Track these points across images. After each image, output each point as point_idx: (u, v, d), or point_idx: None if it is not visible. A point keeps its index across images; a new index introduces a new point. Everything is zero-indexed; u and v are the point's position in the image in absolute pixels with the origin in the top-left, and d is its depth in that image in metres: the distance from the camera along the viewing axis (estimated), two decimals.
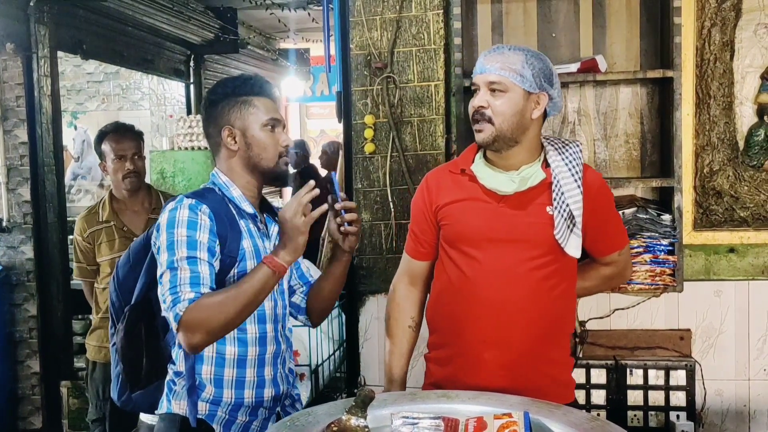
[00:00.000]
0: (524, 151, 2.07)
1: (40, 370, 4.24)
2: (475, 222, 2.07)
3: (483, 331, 2.05)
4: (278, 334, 2.05)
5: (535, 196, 2.05)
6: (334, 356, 3.82)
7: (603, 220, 2.13)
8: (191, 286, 1.82)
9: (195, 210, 1.90)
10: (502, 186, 2.05)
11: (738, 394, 2.97)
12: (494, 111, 2.01)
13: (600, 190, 2.12)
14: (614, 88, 2.95)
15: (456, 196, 2.12)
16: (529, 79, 2.01)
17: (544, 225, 2.03)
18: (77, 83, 7.59)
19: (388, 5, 3.02)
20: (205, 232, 1.89)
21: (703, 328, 2.97)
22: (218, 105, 2.04)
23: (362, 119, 3.06)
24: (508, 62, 2.02)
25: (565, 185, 2.03)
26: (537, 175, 2.05)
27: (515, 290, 2.03)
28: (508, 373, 2.04)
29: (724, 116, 2.92)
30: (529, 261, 2.04)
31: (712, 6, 2.89)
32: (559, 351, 2.15)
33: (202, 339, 1.82)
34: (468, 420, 1.68)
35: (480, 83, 2.05)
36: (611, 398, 2.93)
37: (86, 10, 4.99)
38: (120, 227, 3.35)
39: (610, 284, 2.34)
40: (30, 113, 4.16)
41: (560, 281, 2.07)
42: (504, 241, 2.05)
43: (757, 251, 2.96)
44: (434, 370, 2.19)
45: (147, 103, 7.60)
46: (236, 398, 1.98)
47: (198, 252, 1.86)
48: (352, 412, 1.65)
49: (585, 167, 2.10)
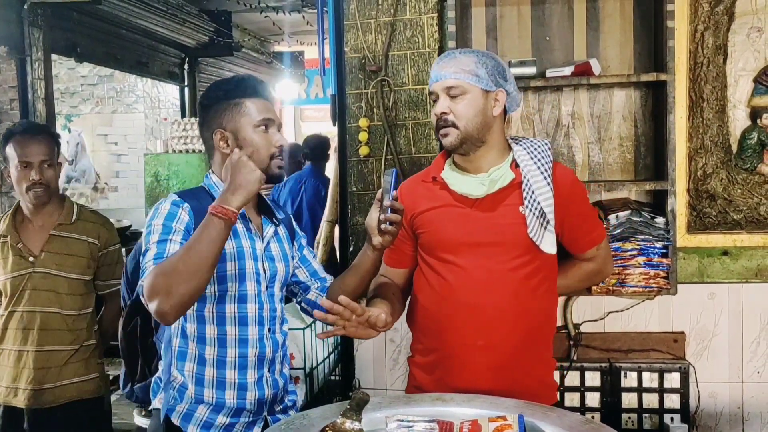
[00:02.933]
0: (491, 152, 2.10)
1: None
2: (450, 228, 2.09)
3: (468, 335, 2.06)
4: (264, 338, 2.04)
5: (506, 197, 2.07)
6: (329, 359, 3.81)
7: (577, 215, 2.15)
8: (154, 260, 1.83)
9: (177, 205, 1.94)
10: (472, 190, 2.07)
11: (732, 397, 2.97)
12: (456, 115, 2.05)
13: (572, 185, 2.13)
14: (608, 92, 2.96)
15: (429, 204, 2.14)
16: (485, 78, 2.05)
17: (518, 225, 2.04)
18: (71, 86, 7.59)
19: (382, 8, 3.03)
20: (181, 225, 1.91)
21: (697, 330, 2.98)
22: (210, 108, 2.04)
23: (357, 122, 3.07)
24: (461, 65, 2.06)
25: (535, 183, 2.05)
26: (506, 176, 2.07)
27: (497, 292, 2.05)
28: (494, 375, 2.05)
29: (718, 119, 2.93)
30: (507, 262, 2.05)
31: (705, 10, 2.90)
32: (544, 351, 2.17)
33: (164, 303, 1.76)
34: (463, 423, 1.68)
35: (438, 90, 2.08)
36: (605, 401, 2.94)
37: (80, 13, 4.99)
38: (15, 244, 2.87)
39: (592, 281, 2.35)
40: (24, 116, 4.16)
41: (542, 280, 2.09)
42: (480, 244, 2.06)
43: (750, 254, 2.97)
44: (419, 374, 2.20)
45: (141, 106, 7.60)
46: (217, 399, 1.99)
47: (171, 235, 1.88)
48: (347, 416, 1.65)
49: (555, 164, 2.12)
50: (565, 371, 2.93)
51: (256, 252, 2.02)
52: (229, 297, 1.98)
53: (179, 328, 2.01)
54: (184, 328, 2.00)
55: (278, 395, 2.10)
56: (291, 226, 2.22)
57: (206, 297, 1.97)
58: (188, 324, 1.99)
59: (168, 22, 6.05)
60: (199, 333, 1.99)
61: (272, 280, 2.06)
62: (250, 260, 2.00)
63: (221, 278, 1.96)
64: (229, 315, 1.99)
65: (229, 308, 1.98)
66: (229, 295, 1.98)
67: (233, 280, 1.97)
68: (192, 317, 1.99)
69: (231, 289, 1.98)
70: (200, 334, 1.99)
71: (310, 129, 11.47)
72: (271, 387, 2.06)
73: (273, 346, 2.06)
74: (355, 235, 3.10)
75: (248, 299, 2.00)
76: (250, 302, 2.00)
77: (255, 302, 2.01)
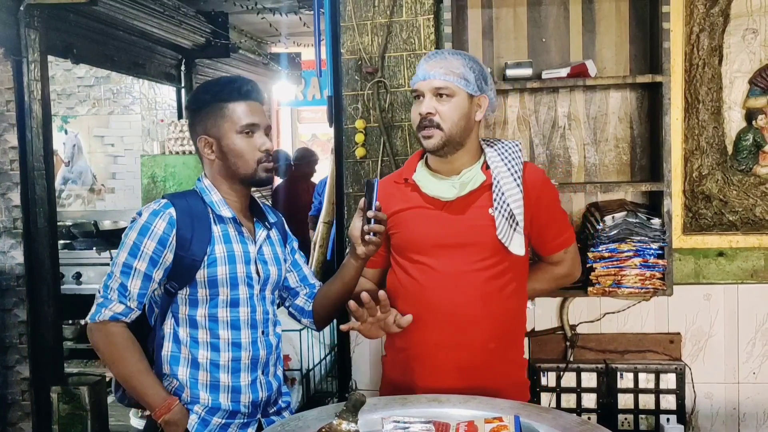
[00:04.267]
0: (466, 154, 2.11)
1: (30, 376, 4.21)
2: (420, 230, 2.11)
3: (437, 335, 2.08)
4: (257, 341, 2.03)
5: (477, 199, 2.08)
6: (325, 360, 3.81)
7: (546, 217, 2.16)
8: (119, 296, 1.93)
9: (156, 215, 1.94)
10: (443, 193, 2.09)
11: (727, 398, 2.98)
12: (442, 117, 2.04)
13: (542, 186, 2.14)
14: (604, 93, 2.96)
15: (401, 205, 2.15)
16: (472, 83, 2.06)
17: (487, 227, 2.05)
18: (68, 87, 7.56)
19: (378, 10, 3.03)
20: (154, 240, 1.92)
21: (693, 331, 2.99)
22: (196, 114, 2.02)
23: (353, 124, 3.07)
24: (451, 67, 2.05)
25: (505, 185, 2.06)
26: (477, 178, 2.08)
27: (465, 293, 2.06)
28: (464, 375, 2.06)
29: (713, 121, 2.94)
30: (476, 263, 2.06)
31: (700, 11, 2.91)
32: (514, 351, 2.19)
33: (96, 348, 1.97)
34: (459, 424, 1.69)
35: (424, 89, 2.07)
36: (602, 402, 2.94)
37: (77, 15, 4.97)
38: None
39: (560, 284, 2.36)
40: (20, 118, 4.14)
41: (510, 281, 2.10)
42: (450, 246, 2.08)
43: (746, 255, 2.97)
44: (390, 372, 2.22)
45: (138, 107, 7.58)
46: (212, 402, 1.99)
47: (137, 261, 1.92)
48: (342, 417, 1.65)
49: (526, 165, 2.13)
50: (562, 372, 2.94)
51: (248, 256, 2.01)
52: (221, 301, 1.98)
53: (171, 333, 2.00)
54: (177, 332, 1.99)
55: (272, 397, 2.10)
56: (284, 229, 2.22)
57: (198, 301, 1.97)
58: (180, 328, 1.99)
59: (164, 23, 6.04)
60: (191, 337, 1.98)
61: (265, 283, 2.06)
62: (241, 264, 1.99)
63: (212, 282, 1.95)
64: (221, 319, 1.98)
65: (221, 312, 1.98)
66: (221, 299, 1.97)
67: (224, 285, 1.97)
68: (184, 321, 1.98)
69: (222, 294, 1.97)
70: (193, 339, 1.98)
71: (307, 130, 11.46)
72: (265, 389, 2.06)
73: (266, 348, 2.06)
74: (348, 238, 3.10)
75: (240, 303, 2.00)
76: (242, 306, 2.00)
77: (247, 306, 2.01)
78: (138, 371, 1.93)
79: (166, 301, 1.99)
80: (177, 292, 1.97)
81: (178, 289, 1.97)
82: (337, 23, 3.08)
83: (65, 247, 6.07)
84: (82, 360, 6.05)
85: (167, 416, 1.90)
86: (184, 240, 1.93)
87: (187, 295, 1.97)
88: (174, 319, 1.99)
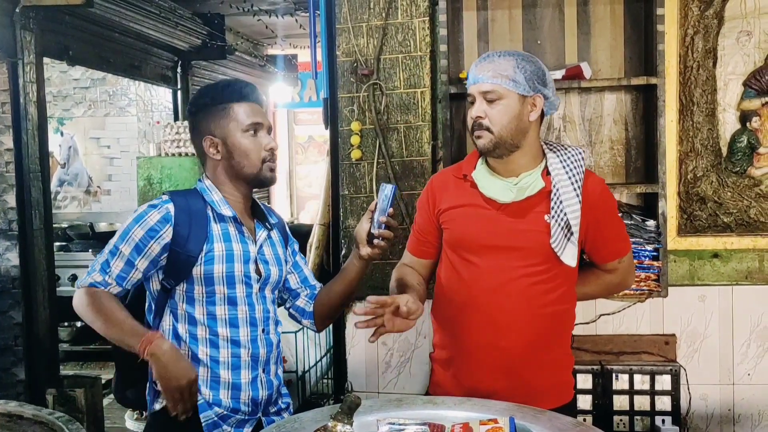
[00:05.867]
0: (525, 156, 2.08)
1: (26, 378, 4.21)
2: (473, 228, 2.10)
3: (478, 336, 2.07)
4: (257, 338, 2.04)
5: (534, 205, 2.06)
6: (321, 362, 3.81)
7: (604, 227, 2.13)
8: (101, 270, 1.97)
9: (153, 207, 1.99)
10: (499, 195, 2.07)
11: (722, 399, 2.99)
12: (491, 120, 2.03)
13: (601, 196, 2.12)
14: (599, 95, 2.97)
15: (457, 201, 2.14)
16: (522, 83, 2.02)
17: (541, 233, 2.04)
18: (63, 89, 7.55)
19: (374, 12, 3.03)
20: (143, 229, 1.96)
21: (688, 333, 3.00)
22: (199, 115, 2.04)
23: (349, 126, 3.07)
24: (499, 69, 2.02)
25: (564, 194, 2.04)
26: (536, 184, 2.06)
27: (510, 296, 2.05)
28: (505, 376, 2.06)
29: (708, 123, 2.95)
30: (525, 268, 2.05)
31: (695, 14, 2.92)
32: (559, 351, 2.16)
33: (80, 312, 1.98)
34: (454, 426, 1.69)
35: (475, 93, 2.06)
36: (597, 403, 2.94)
37: (72, 16, 4.96)
38: None
39: (611, 291, 2.34)
40: (15, 120, 4.13)
41: (557, 286, 2.08)
42: (500, 248, 2.07)
43: (740, 256, 2.98)
44: (437, 370, 2.22)
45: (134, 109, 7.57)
46: (213, 397, 1.99)
47: (123, 244, 1.96)
48: (338, 419, 1.65)
49: (587, 173, 2.10)
50: None
51: (248, 255, 2.02)
52: (219, 299, 1.99)
53: (170, 329, 2.01)
54: (176, 329, 2.01)
55: (272, 396, 2.10)
56: (284, 231, 2.23)
57: (194, 298, 1.98)
58: (179, 325, 2.00)
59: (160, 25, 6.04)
60: (190, 334, 2.00)
61: (265, 282, 2.07)
62: (239, 263, 2.00)
63: (208, 279, 1.97)
64: (219, 316, 1.99)
65: (219, 310, 1.99)
66: (218, 297, 1.99)
67: (221, 283, 1.98)
68: (183, 318, 2.00)
69: (219, 292, 1.98)
70: (192, 335, 2.00)
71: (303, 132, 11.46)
72: (266, 388, 2.07)
73: (267, 346, 2.07)
74: (347, 238, 3.11)
75: (238, 301, 2.01)
76: (240, 305, 2.01)
77: (245, 304, 2.02)
78: (117, 320, 1.92)
79: (162, 297, 2.01)
80: (173, 288, 1.98)
81: (175, 285, 1.98)
82: (333, 25, 3.08)
83: (61, 249, 6.06)
84: (78, 362, 6.04)
85: (150, 348, 1.87)
86: (180, 236, 1.95)
87: (184, 291, 1.98)
88: (172, 316, 2.01)
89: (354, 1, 3.04)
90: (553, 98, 2.10)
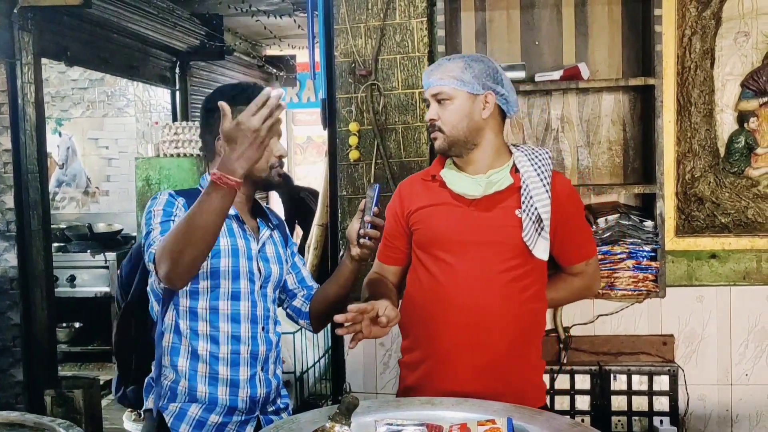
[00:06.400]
0: (487, 154, 2.12)
1: (24, 379, 4.21)
2: (445, 225, 2.11)
3: (456, 334, 2.07)
4: (257, 336, 2.05)
5: (504, 199, 2.09)
6: (319, 363, 3.82)
7: (571, 227, 2.16)
8: (161, 234, 1.91)
9: (173, 197, 2.01)
10: (469, 190, 2.09)
11: (720, 399, 2.99)
12: (443, 121, 2.09)
13: (569, 197, 2.15)
14: (597, 96, 2.97)
15: (427, 201, 2.16)
16: (471, 82, 2.06)
17: (513, 227, 2.06)
18: (62, 90, 7.53)
19: (372, 13, 3.03)
20: (181, 212, 1.95)
21: (686, 333, 3.00)
22: (215, 113, 2.04)
23: (347, 126, 3.07)
24: (446, 71, 2.09)
25: (534, 189, 2.07)
26: (504, 179, 2.09)
27: (486, 293, 2.06)
28: (481, 376, 2.06)
29: (705, 123, 2.95)
30: (499, 263, 2.07)
31: (692, 15, 2.92)
32: (533, 353, 2.18)
33: (168, 267, 1.80)
34: (452, 426, 1.69)
35: (428, 97, 2.13)
36: (595, 404, 2.95)
37: (70, 17, 4.96)
38: None
39: (579, 296, 2.36)
40: (14, 120, 4.13)
41: (531, 283, 2.10)
42: (473, 243, 2.08)
43: (738, 257, 2.98)
44: (406, 374, 2.21)
45: (132, 109, 7.55)
46: (210, 395, 2.00)
47: (172, 218, 1.95)
48: (336, 420, 1.66)
49: (554, 174, 2.14)
50: (555, 374, 2.94)
51: (251, 252, 2.04)
52: (222, 293, 2.00)
53: (173, 324, 2.02)
54: (178, 324, 2.02)
55: (271, 395, 2.11)
56: (284, 232, 2.25)
57: (198, 292, 1.99)
58: (181, 320, 2.01)
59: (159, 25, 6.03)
60: (192, 329, 2.01)
61: (266, 280, 2.09)
62: (244, 259, 2.02)
63: (214, 273, 1.98)
64: (222, 311, 2.00)
65: (222, 305, 2.01)
66: (222, 291, 2.00)
67: (226, 277, 1.99)
68: (185, 313, 2.01)
69: (224, 286, 2.00)
70: (193, 330, 2.00)
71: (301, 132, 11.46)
72: (264, 386, 2.08)
73: (267, 344, 2.08)
74: (345, 239, 3.10)
75: (241, 297, 2.02)
76: (243, 300, 2.02)
77: (248, 300, 2.03)
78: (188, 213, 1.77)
79: (167, 292, 2.01)
80: None
81: None
82: (331, 26, 3.08)
83: (59, 250, 6.05)
84: (76, 363, 6.03)
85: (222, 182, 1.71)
86: None
87: (188, 287, 1.98)
88: (175, 311, 2.02)
89: (352, 1, 3.04)
90: (510, 96, 2.13)
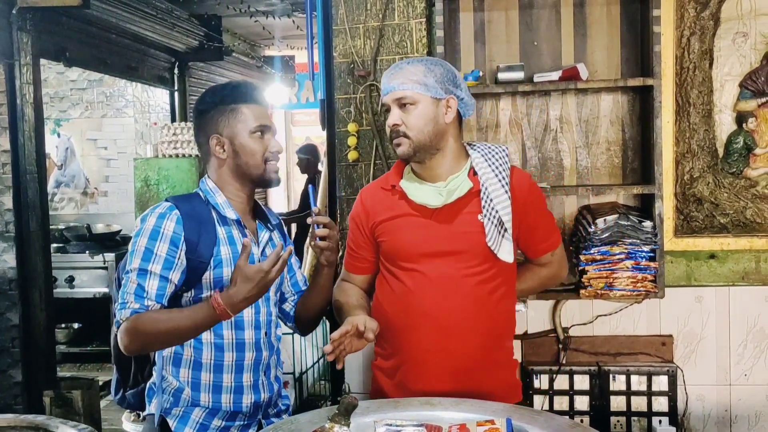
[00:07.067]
0: (448, 159, 2.11)
1: (23, 380, 4.21)
2: (409, 238, 2.11)
3: (426, 340, 2.08)
4: (260, 341, 2.05)
5: (465, 205, 2.09)
6: (318, 364, 3.82)
7: (534, 221, 2.17)
8: (135, 297, 1.88)
9: (163, 218, 1.95)
10: (429, 200, 2.09)
11: (719, 400, 2.99)
12: (408, 126, 2.07)
13: (529, 192, 2.15)
14: (596, 96, 2.97)
15: (389, 213, 2.16)
16: (433, 86, 2.06)
17: (476, 233, 2.07)
18: (60, 90, 7.53)
19: (371, 13, 3.03)
20: (166, 242, 1.92)
21: (685, 333, 3.00)
22: (206, 114, 2.05)
23: (345, 127, 3.07)
24: (409, 75, 2.07)
25: (493, 192, 2.07)
26: (464, 185, 2.09)
27: (455, 298, 2.07)
28: (453, 379, 2.07)
29: (704, 124, 2.95)
30: (466, 269, 2.08)
31: (691, 15, 2.92)
32: (504, 353, 2.20)
33: (136, 347, 1.91)
34: (451, 427, 1.69)
35: (389, 102, 2.10)
36: (594, 404, 2.95)
37: (69, 18, 4.97)
38: None
39: (546, 284, 2.39)
40: (12, 121, 4.13)
41: (499, 285, 2.11)
42: (440, 254, 2.08)
43: (737, 257, 2.98)
44: (381, 378, 2.21)
45: (131, 110, 7.55)
46: (213, 402, 1.99)
47: (151, 264, 1.90)
48: (335, 420, 1.66)
49: (512, 169, 2.14)
50: (554, 375, 2.94)
51: (252, 258, 2.02)
52: None
53: None
54: None
55: (273, 399, 2.11)
56: (283, 232, 2.25)
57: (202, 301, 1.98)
58: None
59: (157, 26, 6.04)
60: (195, 338, 1.99)
61: None
62: None
63: (218, 283, 1.97)
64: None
65: None
66: None
67: None
68: None
69: None
70: (197, 339, 1.99)
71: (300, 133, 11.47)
72: (267, 390, 2.08)
73: (269, 349, 2.08)
74: (343, 239, 3.10)
75: None
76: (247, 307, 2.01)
77: (251, 307, 2.02)
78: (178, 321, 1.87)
79: (171, 302, 2.00)
80: (182, 294, 1.98)
81: (184, 291, 1.97)
82: (330, 26, 3.08)
83: (58, 251, 6.05)
84: (75, 364, 6.03)
85: (226, 314, 1.84)
86: (191, 243, 1.94)
87: (191, 297, 1.98)
88: None
89: (351, 2, 3.04)
90: (468, 99, 2.14)
